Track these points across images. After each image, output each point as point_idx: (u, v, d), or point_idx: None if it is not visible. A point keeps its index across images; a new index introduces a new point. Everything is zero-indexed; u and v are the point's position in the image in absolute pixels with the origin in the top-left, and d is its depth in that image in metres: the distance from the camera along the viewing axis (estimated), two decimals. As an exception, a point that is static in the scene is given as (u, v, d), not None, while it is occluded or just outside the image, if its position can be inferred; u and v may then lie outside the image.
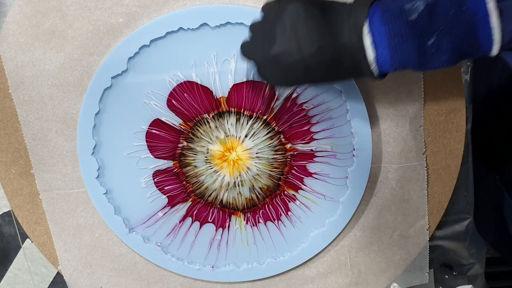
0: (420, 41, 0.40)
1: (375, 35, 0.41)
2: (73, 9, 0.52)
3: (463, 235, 0.61)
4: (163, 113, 0.56)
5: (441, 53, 0.40)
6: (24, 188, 0.59)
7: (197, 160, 0.58)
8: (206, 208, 0.60)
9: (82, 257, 0.61)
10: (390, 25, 0.40)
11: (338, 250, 0.61)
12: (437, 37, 0.40)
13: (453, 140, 0.57)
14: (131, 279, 0.62)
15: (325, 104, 0.55)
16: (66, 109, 0.56)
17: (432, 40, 0.40)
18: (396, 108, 0.56)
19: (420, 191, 0.59)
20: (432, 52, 0.40)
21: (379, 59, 0.42)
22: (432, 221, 0.60)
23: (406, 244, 0.60)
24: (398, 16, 0.40)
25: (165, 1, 0.52)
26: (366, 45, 0.41)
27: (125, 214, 0.59)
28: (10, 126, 0.57)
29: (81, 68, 0.54)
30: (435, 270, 0.63)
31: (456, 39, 0.40)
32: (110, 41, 0.53)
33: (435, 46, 0.40)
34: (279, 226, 0.60)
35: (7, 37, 0.53)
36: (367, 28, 0.41)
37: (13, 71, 0.54)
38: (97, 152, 0.57)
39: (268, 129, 0.56)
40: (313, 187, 0.58)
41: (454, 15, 0.39)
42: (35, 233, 0.61)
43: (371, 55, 0.41)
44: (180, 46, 0.53)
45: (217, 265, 0.61)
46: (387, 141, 0.57)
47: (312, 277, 0.62)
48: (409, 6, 0.40)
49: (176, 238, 0.60)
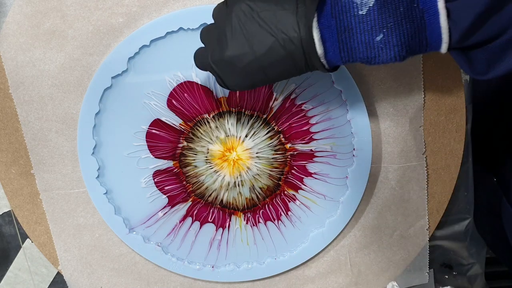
0: (368, 36, 0.40)
1: (324, 30, 0.41)
2: (73, 9, 0.52)
3: (463, 235, 0.61)
4: (163, 113, 0.56)
5: (389, 48, 0.40)
6: (24, 188, 0.59)
7: (197, 160, 0.58)
8: (206, 208, 0.60)
9: (82, 257, 0.61)
10: (339, 19, 0.40)
11: (338, 250, 0.61)
12: (386, 33, 0.40)
13: (453, 140, 0.57)
14: (131, 279, 0.62)
15: (325, 105, 0.55)
16: (66, 109, 0.56)
17: (381, 35, 0.40)
18: (396, 108, 0.56)
19: (420, 191, 0.59)
20: (380, 47, 0.40)
21: (328, 54, 0.42)
22: (432, 221, 0.60)
23: (406, 244, 0.61)
24: (348, 10, 0.40)
25: (165, 1, 0.52)
26: (315, 40, 0.41)
27: (125, 214, 0.59)
28: (10, 126, 0.57)
29: (81, 68, 0.54)
30: (435, 270, 0.63)
31: (405, 35, 0.40)
32: (110, 41, 0.53)
33: (383, 42, 0.40)
34: (279, 226, 0.60)
35: (7, 37, 0.53)
36: (315, 22, 0.41)
37: (13, 71, 0.54)
38: (97, 152, 0.57)
39: (268, 128, 0.56)
40: (313, 187, 0.59)
41: (404, 11, 0.39)
42: (35, 233, 0.61)
43: (320, 49, 0.41)
44: (180, 46, 0.53)
45: (217, 265, 0.61)
46: (387, 141, 0.57)
47: (312, 277, 0.62)
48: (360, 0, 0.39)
49: (176, 238, 0.60)
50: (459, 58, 0.42)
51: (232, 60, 0.43)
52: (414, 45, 0.40)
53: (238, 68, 0.44)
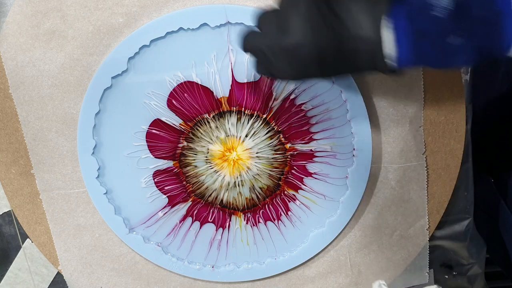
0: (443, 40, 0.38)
1: (397, 30, 0.38)
2: (73, 9, 0.52)
3: (463, 235, 0.61)
4: (163, 113, 0.56)
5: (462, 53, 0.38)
6: (24, 188, 0.59)
7: (197, 160, 0.58)
8: (206, 208, 0.60)
9: (82, 257, 0.61)
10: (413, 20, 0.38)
11: (338, 250, 0.61)
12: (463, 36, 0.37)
13: (453, 140, 0.57)
14: (131, 279, 0.62)
15: (325, 105, 0.55)
16: (66, 109, 0.56)
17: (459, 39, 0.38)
18: (396, 108, 0.56)
19: (420, 191, 0.59)
20: (454, 52, 0.38)
21: (399, 56, 0.39)
22: (432, 221, 0.60)
23: (406, 244, 0.61)
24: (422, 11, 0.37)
25: (165, 1, 0.52)
26: (387, 41, 0.38)
27: (125, 214, 0.59)
28: (10, 126, 0.57)
29: (81, 68, 0.54)
30: (435, 270, 0.63)
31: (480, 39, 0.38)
32: (110, 41, 0.53)
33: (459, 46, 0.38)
34: (279, 226, 0.60)
35: (7, 37, 0.53)
36: (389, 22, 0.38)
37: (13, 71, 0.54)
38: (97, 152, 0.57)
39: (268, 128, 0.56)
40: (313, 187, 0.59)
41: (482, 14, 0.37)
42: (35, 233, 0.61)
43: (392, 51, 0.39)
44: (180, 46, 0.53)
45: (217, 265, 0.61)
46: (387, 141, 0.57)
47: (312, 277, 0.62)
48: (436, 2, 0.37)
49: (176, 238, 0.60)
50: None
51: (291, 48, 0.41)
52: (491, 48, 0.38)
53: (295, 58, 0.41)
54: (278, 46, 0.41)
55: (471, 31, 0.37)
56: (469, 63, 0.39)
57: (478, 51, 0.38)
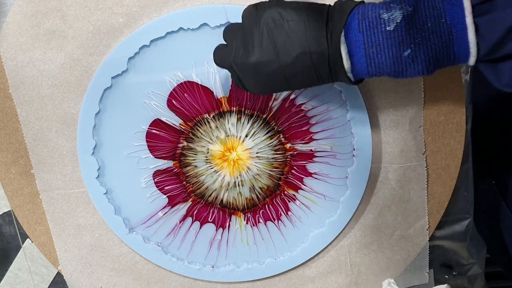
0: (396, 52, 0.40)
1: (352, 44, 0.41)
2: (73, 9, 0.52)
3: (463, 235, 0.61)
4: (163, 113, 0.56)
5: (417, 63, 0.40)
6: (24, 188, 0.59)
7: (197, 160, 0.58)
8: (206, 208, 0.60)
9: (82, 257, 0.61)
10: (367, 34, 0.40)
11: (338, 250, 0.61)
12: (414, 48, 0.40)
13: (453, 140, 0.57)
14: (131, 279, 0.62)
15: (325, 105, 0.55)
16: (66, 109, 0.56)
17: (409, 51, 0.40)
18: (396, 108, 0.56)
19: (420, 191, 0.59)
20: (408, 63, 0.40)
21: (355, 68, 0.42)
22: (432, 221, 0.60)
23: (406, 244, 0.60)
24: (375, 26, 0.40)
25: (165, 1, 0.52)
26: (343, 54, 0.41)
27: (125, 214, 0.59)
28: (10, 126, 0.57)
29: (81, 68, 0.54)
30: (435, 270, 0.63)
31: (433, 50, 0.40)
32: (110, 41, 0.53)
33: (411, 57, 0.40)
34: (279, 226, 0.60)
35: (7, 37, 0.53)
36: (343, 37, 0.41)
37: (13, 71, 0.54)
38: (97, 152, 0.57)
39: (268, 128, 0.56)
40: (313, 187, 0.59)
41: (432, 27, 0.39)
42: (35, 233, 0.61)
43: (347, 64, 0.41)
44: (180, 46, 0.53)
45: (217, 265, 0.61)
46: (387, 141, 0.57)
47: (312, 277, 0.62)
48: (387, 16, 0.40)
49: (176, 238, 0.60)
50: (486, 71, 0.42)
51: (256, 65, 0.43)
52: (442, 59, 0.40)
53: (261, 74, 0.44)
54: (243, 63, 0.44)
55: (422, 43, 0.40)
56: (427, 73, 0.42)
57: (434, 61, 0.41)
